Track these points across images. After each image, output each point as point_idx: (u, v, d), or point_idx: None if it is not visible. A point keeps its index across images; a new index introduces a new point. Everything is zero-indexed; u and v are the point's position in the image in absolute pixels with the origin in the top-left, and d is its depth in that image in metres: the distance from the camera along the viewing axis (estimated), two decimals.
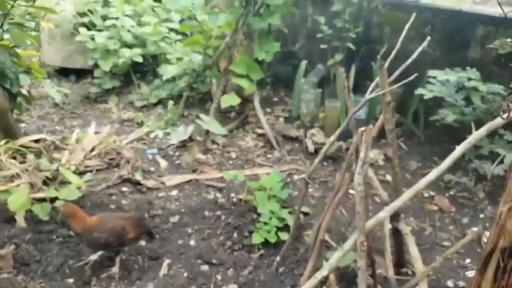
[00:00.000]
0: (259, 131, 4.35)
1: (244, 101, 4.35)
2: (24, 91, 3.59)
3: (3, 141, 3.19)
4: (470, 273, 2.57)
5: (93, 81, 5.27)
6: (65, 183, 3.05)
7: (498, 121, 1.81)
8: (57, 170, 3.11)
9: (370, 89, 2.16)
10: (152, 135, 4.25)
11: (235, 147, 4.13)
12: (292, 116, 4.65)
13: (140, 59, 5.00)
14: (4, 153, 3.07)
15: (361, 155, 1.75)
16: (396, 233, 2.38)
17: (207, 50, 4.47)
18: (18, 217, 2.73)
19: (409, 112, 4.17)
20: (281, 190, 3.06)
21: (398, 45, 2.02)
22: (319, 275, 1.88)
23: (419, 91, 3.41)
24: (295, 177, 3.62)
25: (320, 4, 4.79)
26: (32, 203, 2.72)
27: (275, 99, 5.13)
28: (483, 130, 1.87)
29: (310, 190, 3.37)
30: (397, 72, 2.02)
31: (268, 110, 4.82)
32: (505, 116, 1.62)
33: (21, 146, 3.26)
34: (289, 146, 4.15)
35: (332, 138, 2.30)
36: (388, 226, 2.49)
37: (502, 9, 1.76)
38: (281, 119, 4.64)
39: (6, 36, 3.24)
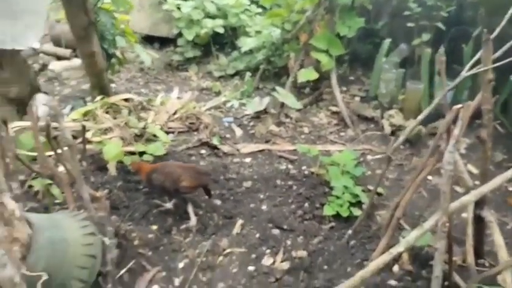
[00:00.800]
0: (334, 108, 4.31)
1: (319, 77, 4.31)
2: (117, 53, 3.88)
3: (99, 97, 3.50)
4: None
5: (175, 49, 5.53)
6: (150, 140, 3.29)
7: None
8: (144, 128, 3.36)
9: (467, 67, 2.06)
10: (228, 104, 4.40)
11: (308, 122, 4.14)
12: (369, 95, 4.53)
13: (222, 30, 5.14)
14: (100, 108, 3.37)
15: (456, 132, 1.69)
16: (478, 221, 2.27)
17: (286, 24, 4.47)
18: (110, 166, 3.00)
19: (498, 100, 3.87)
20: (355, 167, 3.04)
21: (502, 24, 1.90)
22: (395, 250, 1.87)
23: None
24: (369, 157, 3.56)
25: None
26: (123, 154, 2.97)
27: (351, 77, 5.02)
28: None
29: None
30: (503, 49, 1.90)
31: (344, 88, 4.74)
32: None
33: (113, 103, 3.54)
34: (364, 126, 4.07)
35: (420, 117, 2.24)
36: (470, 214, 2.38)
37: None
38: (357, 98, 4.55)
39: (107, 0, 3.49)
